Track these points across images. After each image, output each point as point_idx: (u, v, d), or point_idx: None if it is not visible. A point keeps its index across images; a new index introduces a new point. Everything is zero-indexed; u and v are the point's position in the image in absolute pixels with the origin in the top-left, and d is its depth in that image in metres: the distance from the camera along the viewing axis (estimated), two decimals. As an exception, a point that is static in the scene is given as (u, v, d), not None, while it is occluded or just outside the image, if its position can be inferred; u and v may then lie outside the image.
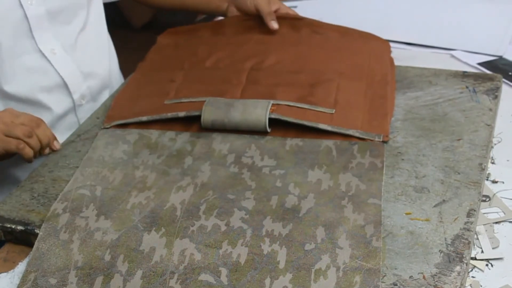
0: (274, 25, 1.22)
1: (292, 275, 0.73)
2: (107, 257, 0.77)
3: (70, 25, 1.13)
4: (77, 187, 0.88)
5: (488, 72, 1.20)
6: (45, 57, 1.09)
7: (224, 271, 0.74)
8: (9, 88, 1.07)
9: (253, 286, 0.72)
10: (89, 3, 1.18)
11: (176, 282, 0.73)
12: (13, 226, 0.83)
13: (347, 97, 1.02)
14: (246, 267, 0.74)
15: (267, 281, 0.72)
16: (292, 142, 0.94)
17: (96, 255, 0.77)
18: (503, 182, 0.91)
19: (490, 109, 1.01)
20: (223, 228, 0.79)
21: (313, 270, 0.73)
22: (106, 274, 0.75)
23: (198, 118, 0.98)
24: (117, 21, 2.76)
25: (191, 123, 0.99)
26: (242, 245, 0.77)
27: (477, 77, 1.10)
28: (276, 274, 0.73)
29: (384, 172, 0.87)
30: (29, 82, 1.09)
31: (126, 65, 1.35)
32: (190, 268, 0.75)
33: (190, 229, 0.80)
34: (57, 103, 1.13)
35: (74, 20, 1.14)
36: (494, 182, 0.91)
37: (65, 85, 1.12)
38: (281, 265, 0.74)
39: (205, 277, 0.73)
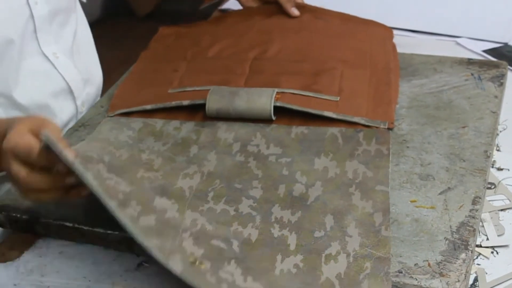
0: (295, 11, 1.20)
1: (303, 256, 0.73)
2: (120, 196, 0.72)
3: (66, 28, 1.09)
4: (84, 151, 0.80)
5: (493, 59, 1.20)
6: (49, 60, 1.04)
7: (235, 243, 0.74)
8: (17, 94, 1.01)
9: (264, 259, 0.72)
10: (75, 8, 1.14)
11: (188, 237, 0.72)
12: (18, 215, 0.83)
13: (351, 85, 1.02)
14: (257, 245, 0.74)
15: (279, 257, 0.73)
16: (298, 130, 0.94)
17: (109, 191, 0.70)
18: (508, 170, 0.91)
19: (496, 96, 1.00)
20: (232, 213, 0.80)
21: (323, 254, 0.73)
22: (121, 204, 0.69)
23: (202, 107, 0.98)
24: (120, 9, 2.76)
25: (196, 112, 0.99)
26: (252, 227, 0.77)
27: (483, 64, 1.10)
28: (287, 253, 0.73)
29: (390, 159, 0.87)
30: (36, 86, 1.03)
31: (130, 54, 1.35)
32: (202, 233, 0.74)
33: (199, 208, 0.79)
34: (63, 110, 1.09)
35: (68, 23, 1.10)
36: (500, 169, 0.91)
37: (70, 91, 1.09)
38: (292, 247, 0.74)
39: (217, 243, 0.73)
